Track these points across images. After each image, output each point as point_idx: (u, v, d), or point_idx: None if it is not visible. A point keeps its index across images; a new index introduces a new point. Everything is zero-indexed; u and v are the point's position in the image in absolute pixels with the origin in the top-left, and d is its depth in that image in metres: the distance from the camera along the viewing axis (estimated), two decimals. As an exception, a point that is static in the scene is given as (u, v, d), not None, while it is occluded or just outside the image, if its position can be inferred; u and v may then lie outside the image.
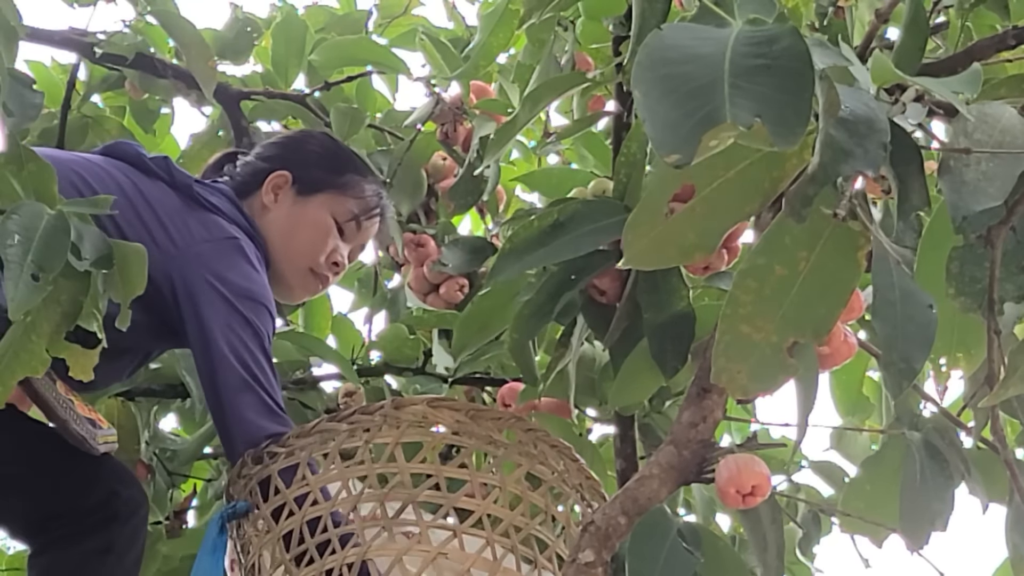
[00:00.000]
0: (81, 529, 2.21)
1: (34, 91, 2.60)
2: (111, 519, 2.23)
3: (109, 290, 1.79)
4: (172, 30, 3.09)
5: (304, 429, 2.05)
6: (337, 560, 1.98)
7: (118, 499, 2.25)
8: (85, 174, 2.22)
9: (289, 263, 2.38)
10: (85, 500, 2.23)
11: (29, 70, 3.49)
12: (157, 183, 2.30)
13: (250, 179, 2.45)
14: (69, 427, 2.16)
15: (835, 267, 1.48)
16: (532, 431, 2.05)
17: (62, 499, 2.23)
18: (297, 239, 2.39)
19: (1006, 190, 1.43)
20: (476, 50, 2.80)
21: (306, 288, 2.44)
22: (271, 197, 2.42)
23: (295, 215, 2.40)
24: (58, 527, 2.22)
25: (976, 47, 1.99)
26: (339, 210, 2.43)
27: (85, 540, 2.22)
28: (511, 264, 1.99)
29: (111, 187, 2.22)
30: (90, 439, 2.19)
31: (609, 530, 1.79)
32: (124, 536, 2.25)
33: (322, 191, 2.43)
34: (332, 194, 2.44)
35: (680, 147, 1.23)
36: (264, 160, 2.48)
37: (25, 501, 2.25)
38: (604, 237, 1.98)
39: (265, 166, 2.46)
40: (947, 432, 1.92)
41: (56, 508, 2.23)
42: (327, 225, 2.41)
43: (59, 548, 2.22)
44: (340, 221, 2.43)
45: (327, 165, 2.47)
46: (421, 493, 1.99)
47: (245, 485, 2.10)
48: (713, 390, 1.85)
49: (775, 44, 1.29)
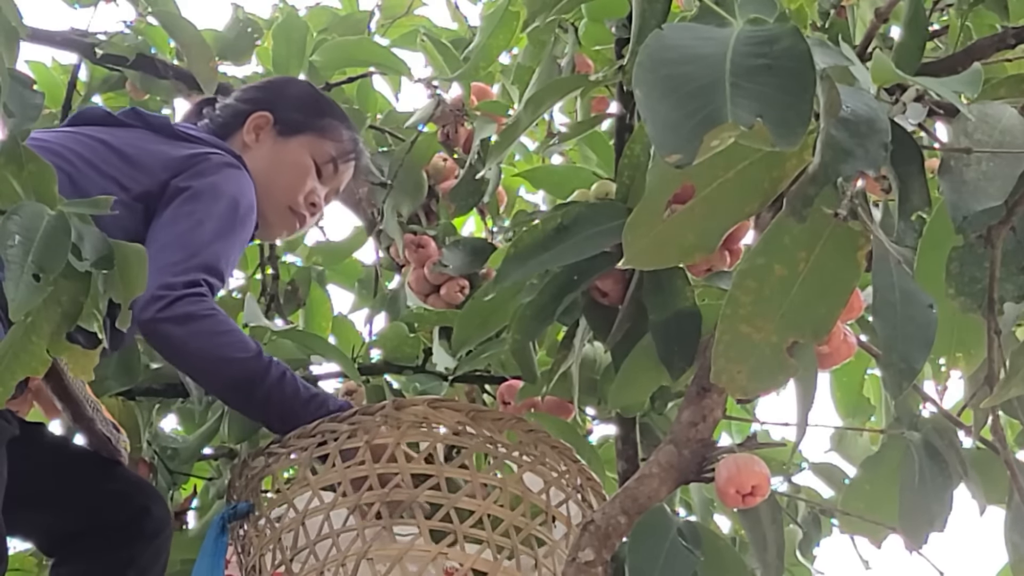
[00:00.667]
0: (107, 543, 2.23)
1: (34, 91, 2.59)
2: (138, 535, 2.25)
3: (109, 290, 1.79)
4: (173, 31, 3.10)
5: (305, 429, 2.05)
6: (337, 559, 1.98)
7: (148, 516, 2.27)
8: (56, 145, 2.22)
9: (269, 200, 2.40)
10: (115, 516, 2.25)
11: (30, 70, 3.50)
12: (132, 130, 2.33)
13: (231, 120, 2.49)
14: (95, 427, 2.18)
15: (835, 267, 1.48)
16: (533, 432, 2.05)
17: (93, 514, 2.25)
18: (277, 178, 2.43)
19: (1006, 190, 1.43)
20: (476, 51, 2.80)
21: (284, 225, 2.48)
22: (252, 136, 2.46)
23: (276, 154, 2.44)
24: (86, 540, 2.24)
25: (976, 47, 2.00)
26: (318, 152, 2.48)
27: (111, 553, 2.23)
28: (516, 268, 2.00)
29: (86, 144, 2.25)
30: (114, 440, 2.20)
31: (609, 529, 1.79)
32: (149, 552, 2.27)
33: (302, 133, 2.48)
34: (312, 136, 2.48)
35: (681, 147, 1.23)
36: (245, 102, 2.52)
37: (56, 516, 2.26)
38: (608, 240, 1.98)
39: (246, 107, 2.50)
40: (946, 432, 1.92)
41: (86, 523, 2.24)
42: (306, 165, 2.45)
43: (85, 560, 2.24)
44: (319, 162, 2.47)
45: (308, 108, 2.52)
46: (421, 493, 2.00)
47: (246, 486, 2.10)
48: (713, 389, 1.85)
49: (776, 44, 1.29)
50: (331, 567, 1.98)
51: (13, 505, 2.03)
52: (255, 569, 2.08)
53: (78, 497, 2.26)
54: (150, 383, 2.84)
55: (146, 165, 2.24)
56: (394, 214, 2.95)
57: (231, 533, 2.12)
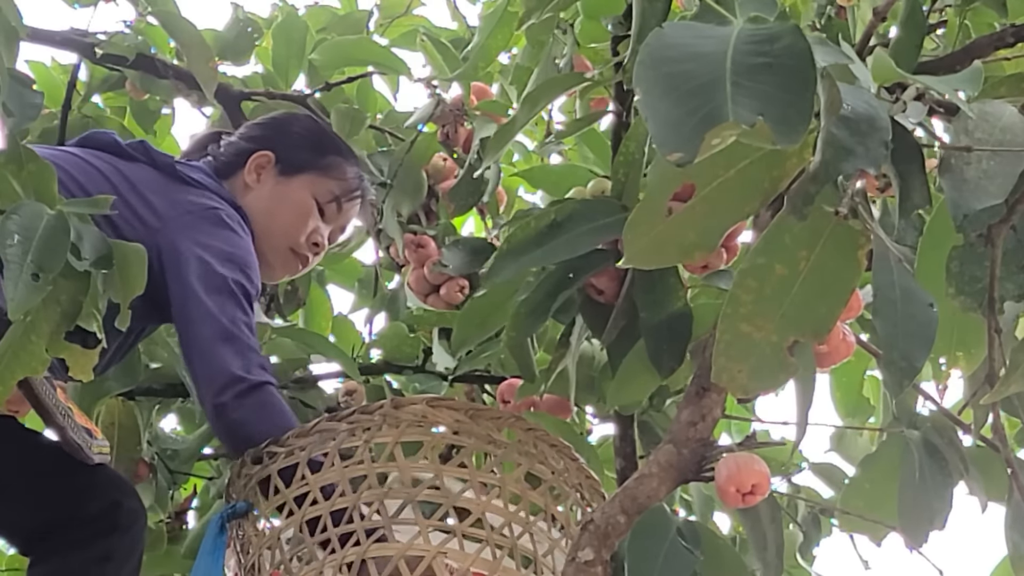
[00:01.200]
0: (81, 538, 2.22)
1: (34, 91, 2.60)
2: (112, 529, 2.23)
3: (109, 290, 1.79)
4: (173, 30, 3.09)
5: (304, 429, 2.05)
6: (337, 560, 1.98)
7: (120, 509, 2.25)
8: (66, 166, 2.23)
9: (270, 242, 2.40)
10: (86, 509, 2.23)
11: (30, 70, 3.49)
12: (138, 165, 2.32)
13: (233, 159, 2.48)
14: (66, 434, 2.16)
15: (835, 266, 1.48)
16: (532, 430, 2.05)
17: (63, 509, 2.23)
18: (278, 219, 2.42)
19: (1007, 188, 1.43)
20: (475, 51, 2.80)
21: (286, 268, 2.47)
22: (253, 177, 2.44)
23: (277, 195, 2.43)
24: (58, 536, 2.22)
25: (975, 45, 2.00)
26: (320, 191, 2.46)
27: (85, 549, 2.22)
28: (508, 264, 2.00)
29: (92, 175, 2.25)
30: (85, 448, 2.18)
31: (608, 529, 1.79)
32: (124, 545, 2.25)
33: (304, 172, 2.46)
34: (314, 175, 2.46)
35: (682, 146, 1.23)
36: (248, 140, 2.51)
37: (26, 511, 2.24)
38: (601, 236, 1.98)
39: (248, 146, 2.49)
40: (946, 431, 1.93)
41: (57, 517, 2.23)
42: (308, 206, 2.44)
43: (59, 556, 2.22)
44: (321, 202, 2.45)
45: (310, 146, 2.50)
46: (420, 492, 1.99)
47: (245, 485, 2.10)
48: (712, 389, 1.85)
49: (776, 42, 1.29)
50: (331, 567, 1.98)
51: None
52: (254, 568, 2.08)
53: (45, 490, 2.24)
54: (150, 383, 2.84)
55: (150, 202, 2.25)
56: (394, 214, 2.95)
57: (230, 533, 2.12)
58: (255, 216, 2.37)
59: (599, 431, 3.03)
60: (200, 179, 2.35)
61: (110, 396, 2.62)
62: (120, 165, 2.31)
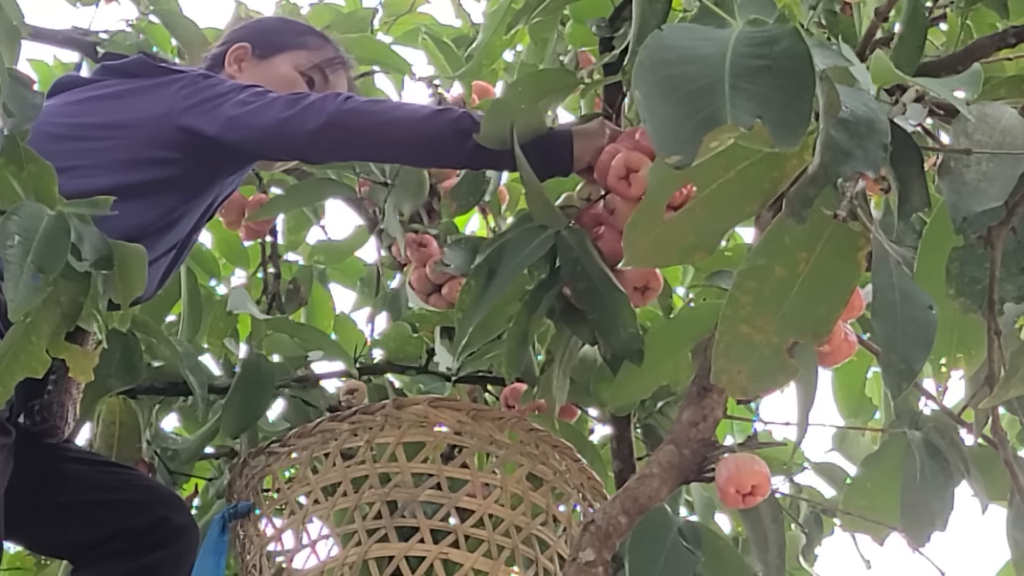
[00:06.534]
0: (128, 549, 2.24)
1: (34, 91, 2.59)
2: (160, 543, 2.26)
3: (109, 291, 1.79)
4: (175, 29, 3.10)
5: (306, 429, 2.05)
6: (337, 560, 1.98)
7: (168, 524, 2.28)
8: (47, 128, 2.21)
9: None
10: (135, 523, 2.25)
11: (32, 69, 3.50)
12: (111, 81, 2.30)
13: (213, 62, 2.49)
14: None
15: (835, 268, 1.48)
16: (534, 431, 2.05)
17: (112, 525, 2.26)
18: None
19: (1006, 191, 1.43)
20: (479, 50, 2.79)
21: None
22: (235, 68, 2.45)
23: (260, 76, 2.41)
24: (105, 547, 2.24)
25: (976, 46, 1.99)
26: (301, 62, 2.47)
27: (131, 560, 2.24)
28: (469, 321, 2.01)
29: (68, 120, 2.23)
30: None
31: (610, 529, 1.79)
32: (171, 558, 2.27)
33: (282, 51, 2.47)
34: (292, 51, 2.48)
35: (681, 148, 1.23)
36: (221, 44, 2.52)
37: (78, 528, 2.27)
38: (534, 256, 2.00)
39: (223, 48, 2.50)
40: (948, 431, 1.92)
41: (106, 532, 2.25)
42: (293, 78, 2.44)
43: (104, 565, 2.24)
44: (305, 71, 2.45)
45: (283, 30, 2.53)
46: (422, 493, 2.00)
47: (246, 485, 2.10)
48: (713, 389, 1.85)
49: (776, 45, 1.29)
50: (331, 567, 1.98)
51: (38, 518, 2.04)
52: (255, 568, 2.08)
53: (97, 509, 2.27)
54: (152, 381, 2.84)
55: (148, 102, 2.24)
56: (395, 213, 2.93)
57: (231, 532, 2.12)
58: None
59: (600, 432, 3.03)
60: (183, 67, 2.36)
61: (111, 394, 2.62)
62: (93, 89, 2.29)
